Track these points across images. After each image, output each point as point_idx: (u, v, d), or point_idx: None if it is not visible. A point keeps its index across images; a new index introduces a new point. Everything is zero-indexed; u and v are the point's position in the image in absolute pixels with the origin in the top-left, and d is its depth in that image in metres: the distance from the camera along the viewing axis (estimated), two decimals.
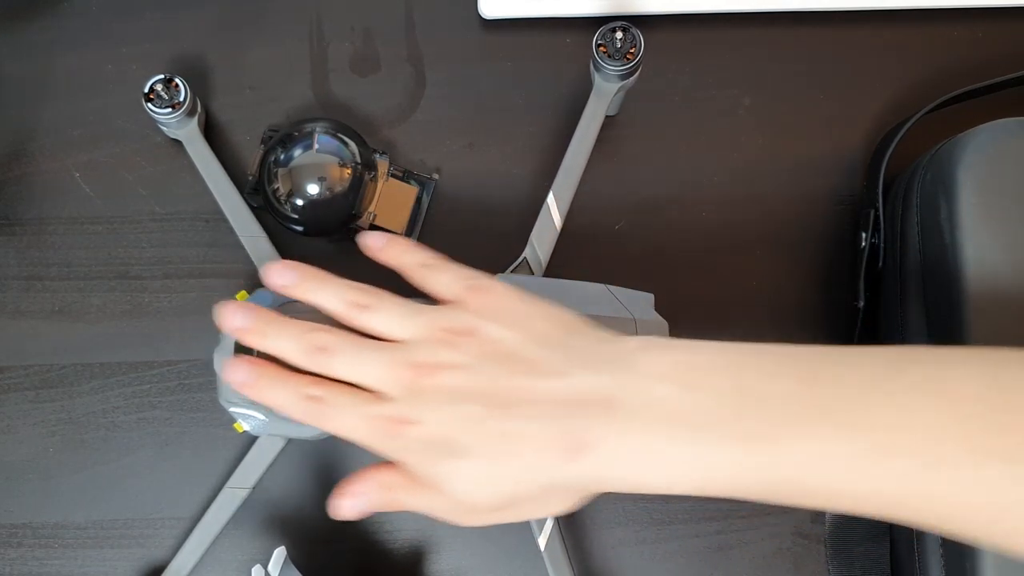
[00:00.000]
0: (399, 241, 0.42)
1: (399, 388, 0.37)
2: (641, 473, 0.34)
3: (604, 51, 0.48)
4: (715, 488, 0.34)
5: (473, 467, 0.36)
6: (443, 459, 0.36)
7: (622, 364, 0.36)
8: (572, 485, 0.37)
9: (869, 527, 0.51)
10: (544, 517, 0.38)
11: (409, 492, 0.38)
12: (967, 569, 0.42)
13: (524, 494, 0.36)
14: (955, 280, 0.43)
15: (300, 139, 0.48)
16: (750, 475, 0.33)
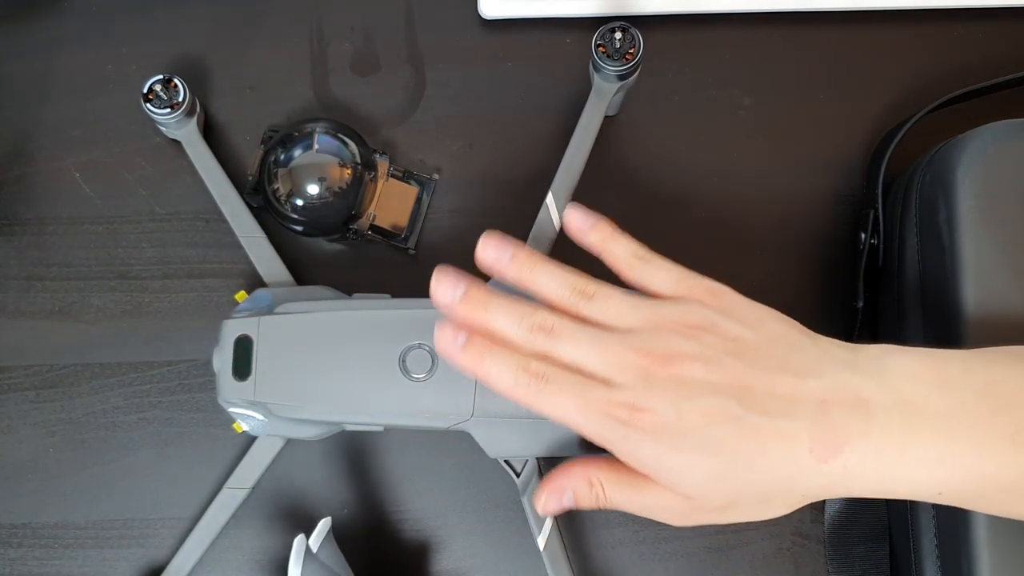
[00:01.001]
0: (606, 225, 0.40)
1: (629, 375, 0.35)
2: (890, 473, 0.34)
3: (603, 51, 0.48)
4: (954, 491, 0.34)
5: (713, 462, 0.34)
6: (678, 451, 0.34)
7: (869, 366, 0.35)
8: (813, 486, 0.35)
9: (868, 527, 0.51)
10: (756, 520, 0.37)
11: (621, 487, 0.36)
12: (963, 569, 0.42)
13: (755, 494, 0.35)
14: (953, 281, 0.43)
15: (300, 139, 0.48)
16: (1009, 473, 0.33)
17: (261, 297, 0.48)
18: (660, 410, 0.34)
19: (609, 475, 0.36)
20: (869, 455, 0.33)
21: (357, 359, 0.45)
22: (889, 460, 0.33)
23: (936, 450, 0.33)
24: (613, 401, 0.35)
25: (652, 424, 0.34)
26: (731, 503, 0.35)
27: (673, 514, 0.36)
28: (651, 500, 0.36)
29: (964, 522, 0.42)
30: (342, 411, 0.46)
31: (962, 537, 0.42)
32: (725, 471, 0.34)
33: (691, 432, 0.34)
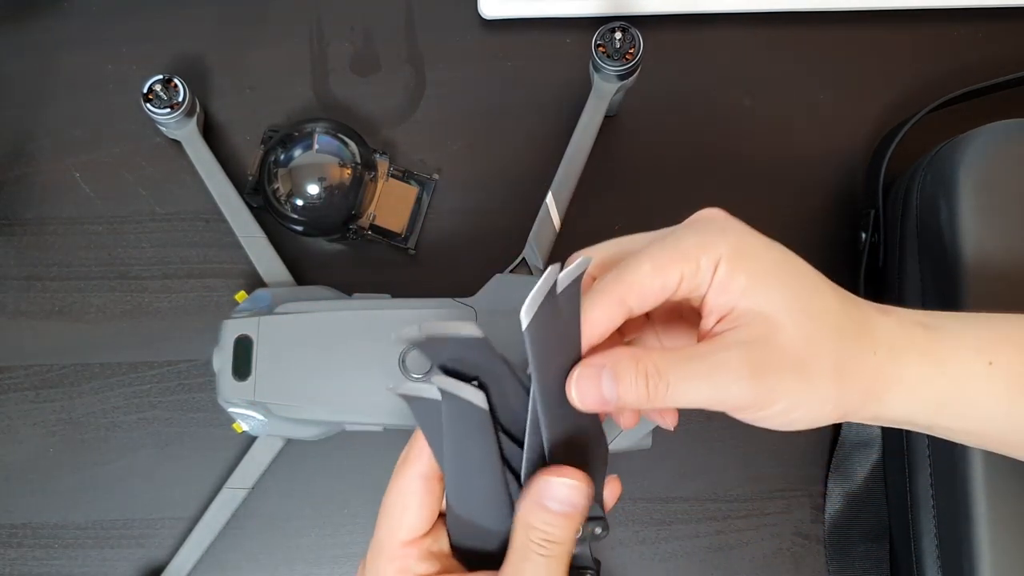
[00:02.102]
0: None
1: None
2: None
3: (603, 51, 0.48)
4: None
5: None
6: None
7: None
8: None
9: (869, 527, 0.51)
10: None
11: (687, 365, 0.32)
12: (964, 568, 0.42)
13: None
14: (954, 281, 0.42)
15: (300, 139, 0.48)
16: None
17: (261, 297, 0.48)
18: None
19: (666, 357, 0.32)
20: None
21: (357, 359, 0.45)
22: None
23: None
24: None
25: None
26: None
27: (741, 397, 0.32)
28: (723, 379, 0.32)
29: (965, 521, 0.42)
30: (342, 411, 0.46)
31: (963, 536, 0.42)
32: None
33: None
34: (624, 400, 0.32)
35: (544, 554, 0.33)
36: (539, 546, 0.33)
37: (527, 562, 0.33)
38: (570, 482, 0.33)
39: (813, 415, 0.33)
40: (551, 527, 0.33)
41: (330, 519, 0.51)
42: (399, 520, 0.34)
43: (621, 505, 0.51)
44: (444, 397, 0.32)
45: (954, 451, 0.43)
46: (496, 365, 0.32)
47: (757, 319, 0.32)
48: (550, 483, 0.33)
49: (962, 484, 0.42)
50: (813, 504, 0.52)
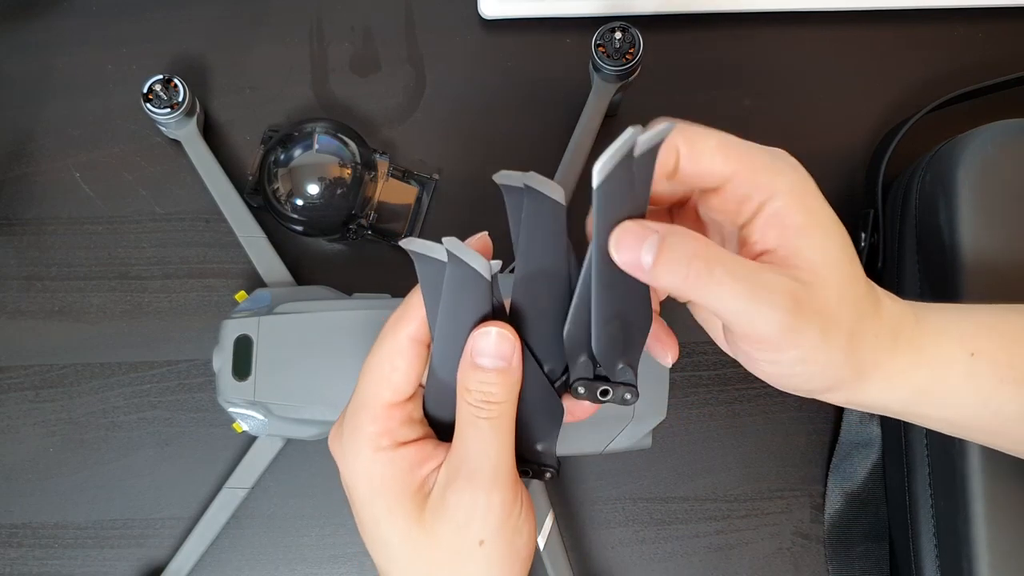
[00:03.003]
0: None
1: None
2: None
3: (603, 51, 0.48)
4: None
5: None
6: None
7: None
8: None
9: (868, 527, 0.51)
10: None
11: (735, 266, 0.30)
12: (963, 568, 0.42)
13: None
14: (954, 281, 0.42)
15: (300, 139, 0.48)
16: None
17: (261, 297, 0.48)
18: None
19: (721, 251, 0.30)
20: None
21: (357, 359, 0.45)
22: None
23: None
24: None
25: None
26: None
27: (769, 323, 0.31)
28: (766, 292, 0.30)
29: (964, 521, 0.42)
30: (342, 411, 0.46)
31: (962, 536, 0.42)
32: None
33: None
34: (658, 272, 0.30)
35: (485, 416, 0.32)
36: (478, 408, 0.32)
37: (470, 427, 0.32)
38: (493, 330, 0.32)
39: (816, 375, 0.32)
40: (486, 386, 0.32)
41: (330, 519, 0.51)
42: (386, 379, 0.33)
43: (620, 505, 0.51)
44: (450, 260, 0.32)
45: (952, 450, 0.43)
46: (557, 245, 0.33)
47: (807, 266, 0.31)
48: (475, 337, 0.32)
49: (961, 484, 0.42)
50: (813, 504, 0.52)
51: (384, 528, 0.33)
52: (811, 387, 0.34)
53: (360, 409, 0.34)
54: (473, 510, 0.32)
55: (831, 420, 0.52)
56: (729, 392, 0.52)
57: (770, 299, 0.30)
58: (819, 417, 0.52)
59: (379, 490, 0.33)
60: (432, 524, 0.33)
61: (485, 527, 0.32)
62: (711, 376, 0.52)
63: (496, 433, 0.33)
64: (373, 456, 0.33)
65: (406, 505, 0.33)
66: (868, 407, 0.35)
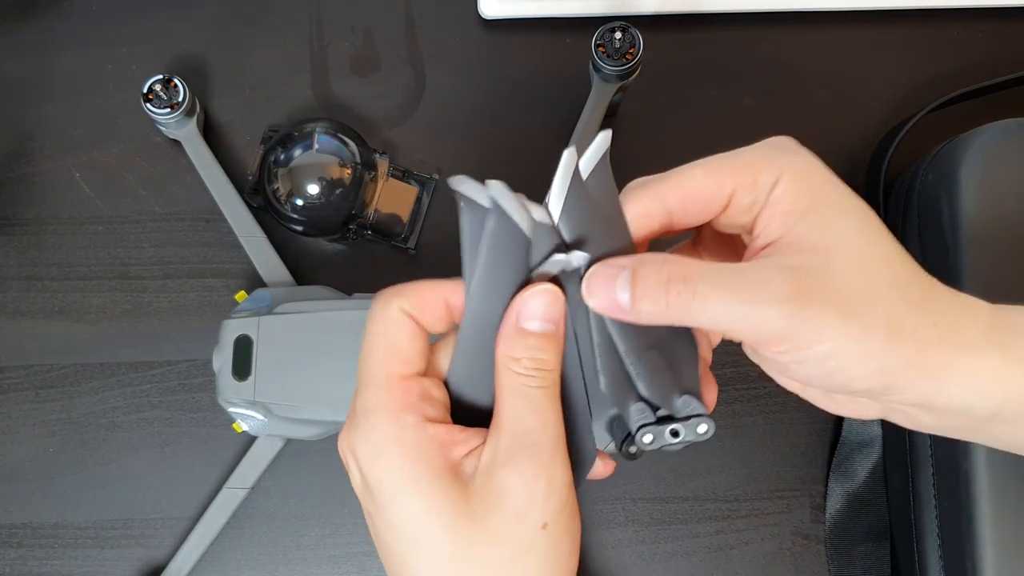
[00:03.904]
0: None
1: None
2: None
3: (603, 51, 0.48)
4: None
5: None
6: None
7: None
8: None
9: (869, 527, 0.51)
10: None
11: (722, 278, 0.29)
12: (967, 568, 0.42)
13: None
14: (956, 281, 0.42)
15: (300, 139, 0.48)
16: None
17: (261, 297, 0.48)
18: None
19: (697, 265, 0.28)
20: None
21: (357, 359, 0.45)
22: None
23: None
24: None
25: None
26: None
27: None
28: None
29: (968, 520, 0.42)
30: (342, 411, 0.46)
31: (966, 536, 0.42)
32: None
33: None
34: (639, 308, 0.28)
35: (537, 385, 0.29)
36: (529, 377, 0.29)
37: (520, 399, 0.29)
38: (547, 289, 0.29)
39: (855, 370, 0.28)
40: (538, 351, 0.29)
41: (330, 519, 0.51)
42: (388, 350, 0.30)
43: (620, 505, 0.51)
44: (493, 210, 0.28)
45: (956, 449, 0.43)
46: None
47: (810, 248, 0.28)
48: (524, 299, 0.29)
49: (965, 483, 0.42)
50: (813, 504, 0.52)
51: (423, 524, 0.28)
52: (867, 385, 0.29)
53: (370, 387, 0.30)
54: (535, 490, 0.28)
55: (832, 420, 0.52)
56: (729, 392, 0.52)
57: (765, 294, 0.27)
58: (820, 417, 0.52)
59: (412, 477, 0.28)
60: (483, 512, 0.28)
61: (547, 509, 0.28)
62: None
63: (552, 403, 0.29)
64: (398, 435, 0.28)
65: (449, 493, 0.28)
66: (949, 410, 0.30)
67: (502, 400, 0.29)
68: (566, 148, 0.29)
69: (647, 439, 0.30)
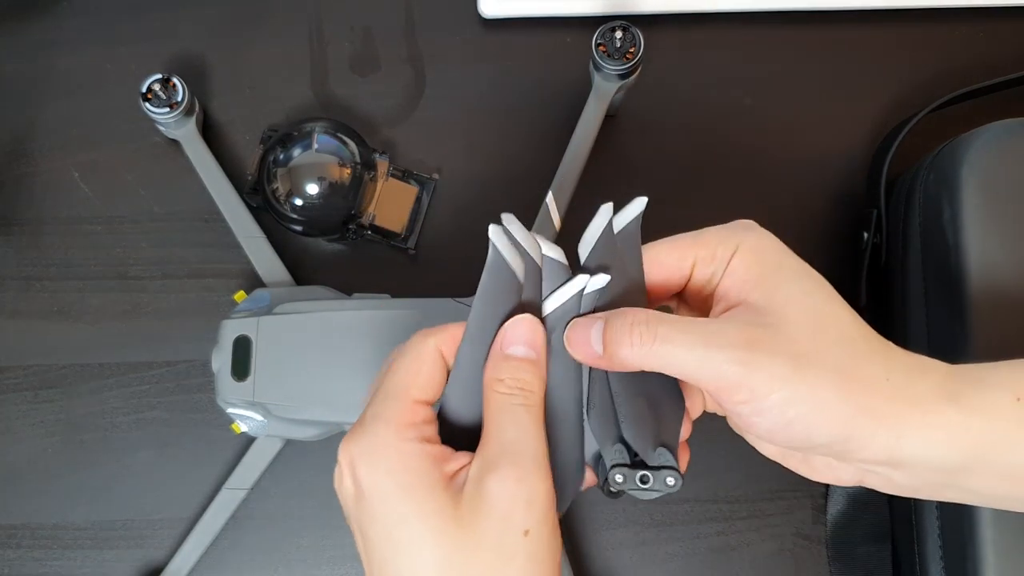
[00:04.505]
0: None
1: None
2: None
3: (604, 51, 0.48)
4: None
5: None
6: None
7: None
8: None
9: (870, 528, 0.51)
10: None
11: (679, 323, 0.32)
12: (968, 569, 0.42)
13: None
14: (957, 281, 0.42)
15: (300, 139, 0.48)
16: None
17: (260, 297, 0.48)
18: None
19: (661, 315, 0.32)
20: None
21: (356, 359, 0.45)
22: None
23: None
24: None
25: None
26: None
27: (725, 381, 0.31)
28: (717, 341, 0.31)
29: (969, 523, 0.42)
30: (341, 411, 0.46)
31: (967, 537, 0.42)
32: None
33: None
34: (609, 354, 0.32)
35: (520, 403, 0.32)
36: (512, 395, 0.32)
37: (506, 414, 0.32)
38: (526, 317, 0.33)
39: (813, 419, 0.31)
40: (520, 372, 0.32)
41: (330, 519, 0.51)
42: (413, 376, 0.33)
43: (620, 506, 0.51)
44: (491, 248, 0.32)
45: None
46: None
47: (764, 310, 0.31)
48: (507, 328, 0.33)
49: None
50: (814, 505, 0.51)
51: (414, 528, 0.30)
52: (827, 437, 0.31)
53: (385, 401, 0.32)
54: (517, 497, 0.30)
55: None
56: None
57: (722, 341, 0.30)
58: None
59: (407, 484, 0.31)
60: (471, 518, 0.30)
61: (530, 515, 0.31)
62: None
63: (534, 419, 0.32)
64: (399, 446, 0.31)
65: (440, 499, 0.31)
66: (915, 464, 0.31)
67: (489, 417, 0.33)
68: (603, 204, 0.34)
69: (619, 478, 0.32)
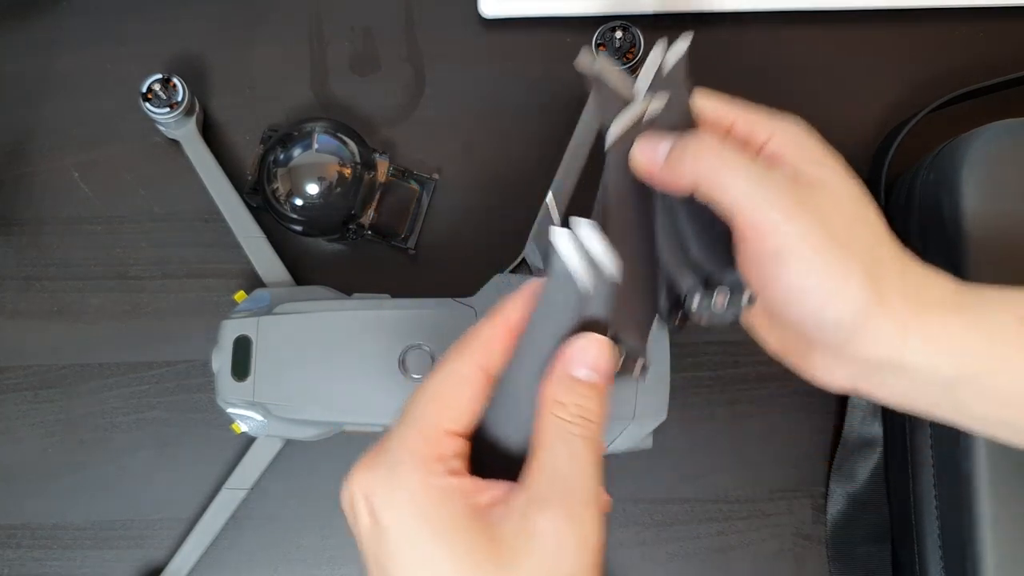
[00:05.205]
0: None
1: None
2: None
3: (604, 50, 0.48)
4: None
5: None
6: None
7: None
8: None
9: (870, 528, 0.51)
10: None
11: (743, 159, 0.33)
12: (968, 569, 0.42)
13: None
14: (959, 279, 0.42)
15: (299, 139, 0.48)
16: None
17: (260, 297, 0.48)
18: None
19: (725, 140, 0.33)
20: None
21: (356, 359, 0.45)
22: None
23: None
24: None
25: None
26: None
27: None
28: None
29: (969, 522, 0.42)
30: (341, 412, 0.46)
31: (967, 537, 0.42)
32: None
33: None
34: (674, 161, 0.32)
35: (579, 434, 0.28)
36: (572, 424, 0.28)
37: (562, 444, 0.28)
38: (598, 339, 0.29)
39: (831, 293, 0.31)
40: (585, 400, 0.29)
41: (330, 519, 0.51)
42: (448, 405, 0.29)
43: (621, 506, 0.51)
44: (555, 256, 0.28)
45: (957, 450, 0.43)
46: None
47: (807, 178, 0.33)
48: (574, 345, 0.29)
49: (965, 484, 0.42)
50: (814, 505, 0.51)
51: (443, 570, 0.27)
52: (837, 315, 0.31)
53: (412, 429, 0.29)
54: (568, 539, 0.27)
55: (833, 420, 0.52)
56: (730, 393, 0.52)
57: (774, 185, 0.31)
58: (821, 417, 0.52)
59: (435, 524, 0.27)
60: (511, 558, 0.27)
61: (580, 560, 0.27)
62: (712, 377, 0.52)
63: (594, 455, 0.29)
64: (426, 482, 0.28)
65: (472, 537, 0.27)
66: (920, 377, 0.32)
67: (542, 443, 0.29)
68: (656, 43, 0.35)
69: (697, 302, 0.32)
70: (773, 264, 0.31)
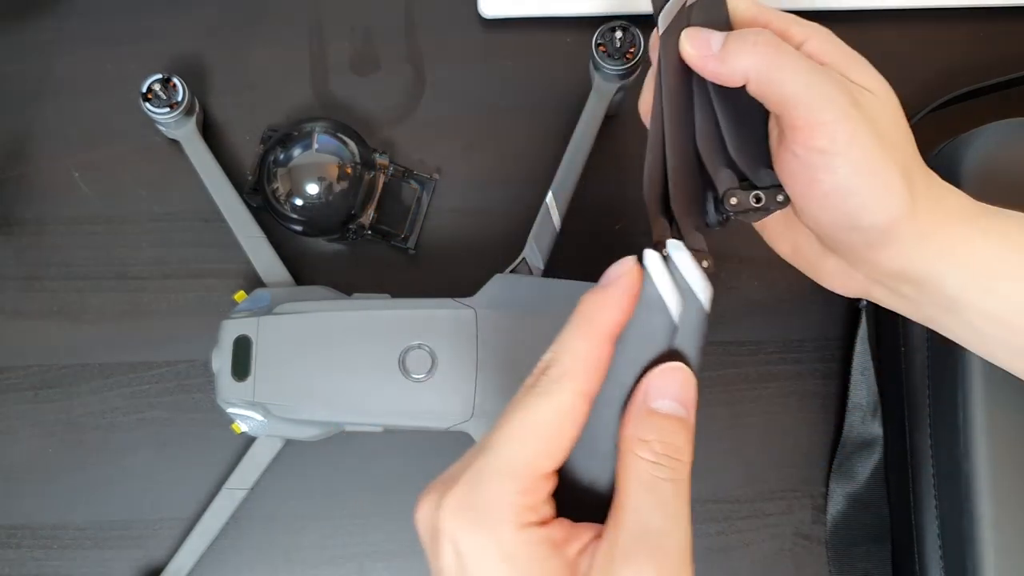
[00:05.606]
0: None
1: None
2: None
3: (604, 50, 0.48)
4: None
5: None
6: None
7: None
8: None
9: (870, 528, 0.51)
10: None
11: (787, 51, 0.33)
12: (968, 569, 0.42)
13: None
14: None
15: (300, 139, 0.48)
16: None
17: (260, 297, 0.48)
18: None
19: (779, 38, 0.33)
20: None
21: (357, 359, 0.45)
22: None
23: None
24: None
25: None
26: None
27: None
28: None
29: (968, 522, 0.42)
30: (341, 412, 0.46)
31: (967, 537, 0.42)
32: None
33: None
34: (728, 50, 0.32)
35: (667, 477, 0.26)
36: (658, 467, 0.26)
37: (646, 492, 0.26)
38: (683, 369, 0.27)
39: (873, 195, 0.31)
40: (671, 436, 0.26)
41: (330, 520, 0.51)
42: (548, 446, 0.26)
43: None
44: (646, 280, 0.27)
45: (957, 450, 0.43)
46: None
47: (854, 81, 0.32)
48: (656, 376, 0.27)
49: (965, 484, 0.42)
50: (814, 505, 0.51)
51: None
52: (873, 220, 0.31)
53: (506, 476, 0.27)
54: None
55: (833, 420, 0.52)
56: (730, 393, 0.52)
57: (828, 80, 0.31)
58: (821, 418, 0.52)
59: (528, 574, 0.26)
60: None
61: None
62: (712, 377, 0.52)
63: (682, 498, 0.26)
64: (516, 533, 0.26)
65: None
66: (929, 286, 0.32)
67: (625, 490, 0.27)
68: None
69: (733, 200, 0.32)
70: (819, 162, 0.31)
